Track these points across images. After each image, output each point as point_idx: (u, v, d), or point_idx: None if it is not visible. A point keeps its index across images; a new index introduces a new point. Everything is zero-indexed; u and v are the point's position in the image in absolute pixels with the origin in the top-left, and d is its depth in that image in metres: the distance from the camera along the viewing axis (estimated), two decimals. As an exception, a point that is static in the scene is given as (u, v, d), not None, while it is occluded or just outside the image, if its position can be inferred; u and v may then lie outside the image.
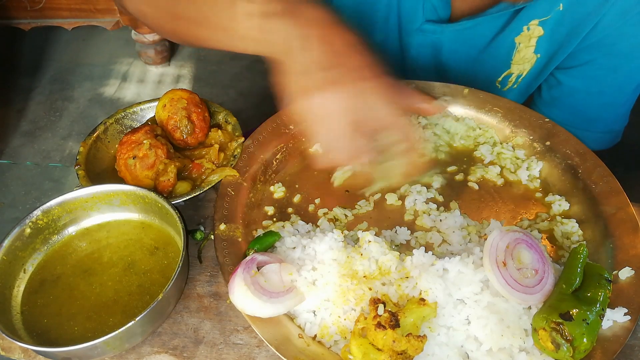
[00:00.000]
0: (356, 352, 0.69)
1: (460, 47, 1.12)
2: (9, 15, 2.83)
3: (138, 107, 1.05)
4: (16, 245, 0.81)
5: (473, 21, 1.05)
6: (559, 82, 1.16)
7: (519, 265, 0.78)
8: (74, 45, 3.38)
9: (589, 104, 1.14)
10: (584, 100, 1.14)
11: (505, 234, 0.79)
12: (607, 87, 1.11)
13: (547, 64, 1.13)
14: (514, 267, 0.77)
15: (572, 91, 1.15)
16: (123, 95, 3.07)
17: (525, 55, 1.11)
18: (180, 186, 0.92)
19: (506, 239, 0.79)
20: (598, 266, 0.78)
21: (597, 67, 1.09)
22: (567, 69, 1.13)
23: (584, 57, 1.09)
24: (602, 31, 1.02)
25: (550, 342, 0.69)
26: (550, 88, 1.19)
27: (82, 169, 0.93)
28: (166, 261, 0.84)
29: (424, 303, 0.72)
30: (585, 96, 1.13)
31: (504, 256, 0.77)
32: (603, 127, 1.17)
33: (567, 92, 1.15)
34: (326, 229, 0.89)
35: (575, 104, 1.15)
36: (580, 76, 1.12)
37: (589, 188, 0.93)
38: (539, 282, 0.77)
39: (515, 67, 1.14)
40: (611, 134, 1.20)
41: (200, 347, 0.78)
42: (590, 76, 1.11)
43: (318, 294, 0.77)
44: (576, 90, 1.14)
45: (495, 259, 0.77)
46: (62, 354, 0.70)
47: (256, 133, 1.02)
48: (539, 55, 1.10)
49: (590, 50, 1.07)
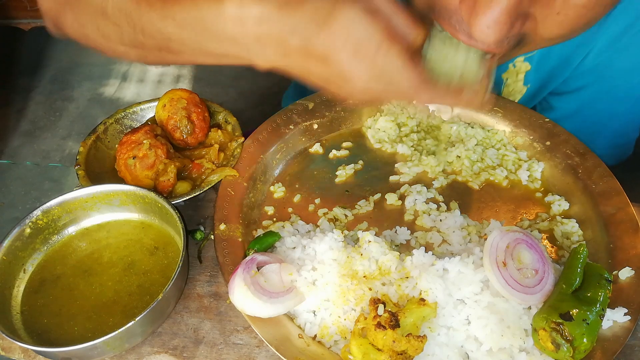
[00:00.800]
0: (356, 352, 0.69)
1: None
2: (9, 15, 2.83)
3: (138, 107, 1.05)
4: (16, 245, 0.81)
5: None
6: (552, 106, 1.17)
7: (519, 265, 0.78)
8: (74, 45, 3.36)
9: (586, 124, 1.14)
10: (580, 122, 1.14)
11: (505, 234, 0.79)
12: (602, 107, 1.11)
13: (538, 91, 1.13)
14: (514, 267, 0.77)
15: (567, 114, 1.15)
16: (123, 95, 3.07)
17: (515, 89, 1.12)
18: (180, 186, 0.92)
19: (506, 239, 0.79)
20: (598, 266, 0.78)
21: (590, 92, 1.09)
22: (560, 94, 1.14)
23: (576, 83, 1.09)
24: (593, 60, 1.03)
25: (550, 342, 0.69)
26: (544, 111, 1.20)
27: (82, 169, 0.93)
28: (166, 261, 0.84)
29: (424, 303, 0.72)
30: (581, 118, 1.14)
31: (504, 256, 0.77)
32: (605, 142, 1.16)
33: (562, 115, 1.16)
34: (326, 229, 0.89)
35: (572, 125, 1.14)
36: (574, 101, 1.13)
37: (589, 188, 0.93)
38: (539, 282, 0.77)
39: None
40: (617, 149, 1.18)
41: (200, 347, 0.78)
42: (583, 100, 1.11)
43: (318, 294, 0.77)
44: (571, 113, 1.14)
45: (495, 259, 0.77)
46: (62, 354, 0.70)
47: (256, 133, 1.02)
48: (528, 85, 1.11)
49: (582, 77, 1.07)
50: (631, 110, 1.11)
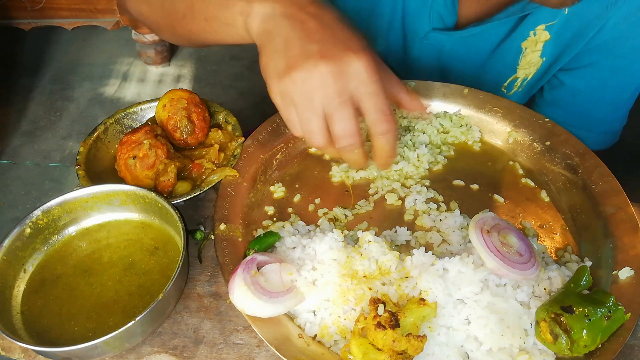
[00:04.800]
0: (356, 352, 0.69)
1: (466, 53, 1.12)
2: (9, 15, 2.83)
3: (138, 107, 1.05)
4: (16, 245, 0.81)
5: (479, 28, 1.05)
6: (562, 82, 1.16)
7: (503, 241, 0.78)
8: (74, 45, 3.38)
9: (591, 105, 1.14)
10: (586, 101, 1.14)
11: (498, 218, 0.80)
12: (609, 88, 1.11)
13: (551, 66, 1.13)
14: (497, 239, 0.78)
15: (574, 92, 1.15)
16: (123, 95, 3.07)
17: (532, 60, 1.11)
18: (180, 186, 0.92)
19: (497, 220, 0.80)
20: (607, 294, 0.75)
21: (599, 69, 1.09)
22: (570, 70, 1.13)
23: (587, 59, 1.09)
24: (607, 34, 1.02)
25: (549, 333, 0.69)
26: (552, 89, 1.19)
27: (82, 169, 0.93)
28: (166, 261, 0.84)
29: (424, 303, 0.72)
30: (588, 97, 1.14)
31: (490, 228, 0.78)
32: (604, 127, 1.17)
33: (569, 92, 1.16)
34: (326, 229, 0.89)
35: (577, 104, 1.15)
36: (582, 77, 1.12)
37: (589, 188, 0.93)
38: (521, 263, 0.76)
39: (521, 71, 1.14)
40: (611, 135, 1.20)
41: (200, 347, 0.78)
42: (592, 77, 1.11)
43: (318, 294, 0.77)
44: (578, 91, 1.14)
45: (481, 228, 0.78)
46: (62, 354, 0.70)
47: (256, 133, 1.02)
48: (544, 58, 1.11)
49: (593, 52, 1.07)
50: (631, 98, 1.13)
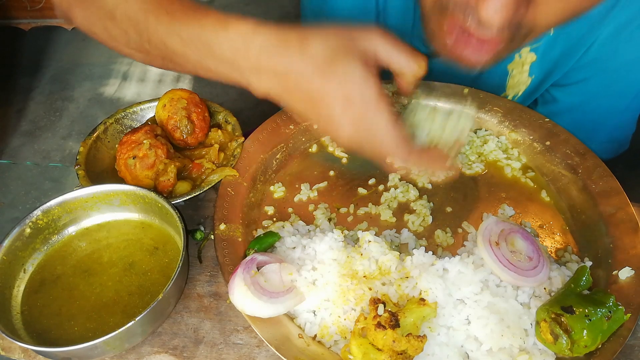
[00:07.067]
0: (356, 352, 0.69)
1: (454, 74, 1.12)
2: (9, 15, 2.84)
3: (138, 107, 1.05)
4: (16, 245, 0.81)
5: None
6: (555, 98, 1.17)
7: (512, 248, 0.78)
8: (74, 45, 3.38)
9: (586, 118, 1.14)
10: (580, 115, 1.14)
11: (501, 222, 0.80)
12: (603, 101, 1.11)
13: (542, 82, 1.13)
14: (507, 249, 0.77)
15: (568, 107, 1.15)
16: (123, 95, 3.07)
17: (520, 80, 1.12)
18: (180, 186, 0.92)
19: (501, 225, 0.80)
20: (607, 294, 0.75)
21: (592, 85, 1.09)
22: (562, 86, 1.14)
23: (579, 75, 1.09)
24: (597, 51, 1.03)
25: (549, 333, 0.69)
26: (546, 103, 1.20)
27: (82, 169, 0.93)
28: (166, 261, 0.84)
29: (424, 303, 0.72)
30: (582, 111, 1.14)
31: (497, 238, 0.78)
32: (604, 137, 1.16)
33: (563, 108, 1.16)
34: (326, 229, 0.89)
35: (572, 118, 1.15)
36: (575, 93, 1.13)
37: (589, 188, 0.93)
38: (532, 268, 0.76)
39: (510, 90, 1.15)
40: (616, 143, 1.19)
41: (200, 347, 0.78)
42: (585, 93, 1.11)
43: (318, 294, 0.77)
44: (572, 106, 1.14)
45: (489, 239, 0.77)
46: (62, 354, 0.70)
47: (256, 133, 1.02)
48: (533, 76, 1.11)
49: (585, 69, 1.07)
50: (630, 105, 1.11)
